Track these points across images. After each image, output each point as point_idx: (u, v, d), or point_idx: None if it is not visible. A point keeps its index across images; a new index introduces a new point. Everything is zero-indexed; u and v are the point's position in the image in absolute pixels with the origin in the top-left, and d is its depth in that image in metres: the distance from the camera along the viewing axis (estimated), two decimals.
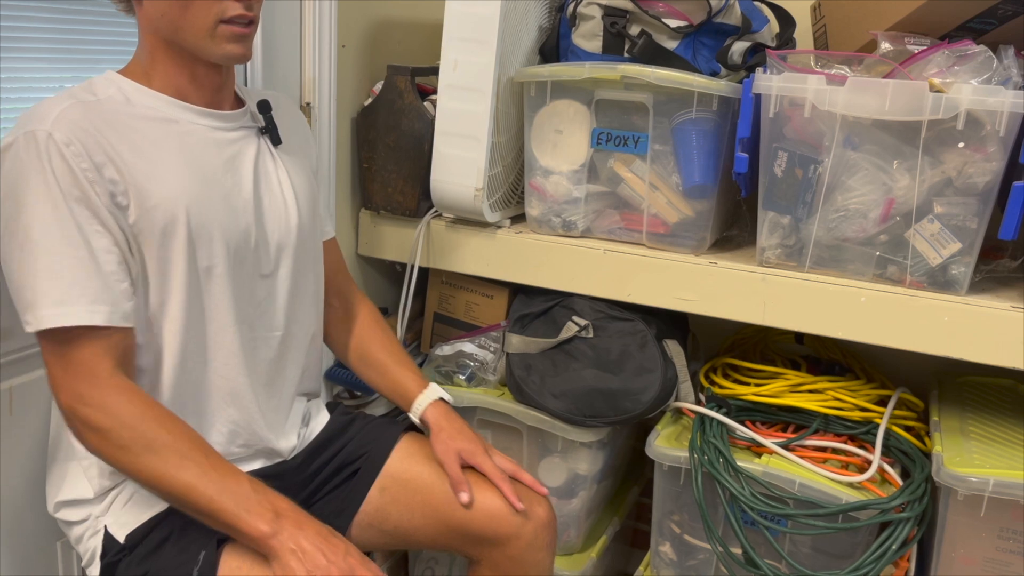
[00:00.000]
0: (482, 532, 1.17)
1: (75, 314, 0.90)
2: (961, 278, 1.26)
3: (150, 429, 0.93)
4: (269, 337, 1.14)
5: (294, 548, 0.93)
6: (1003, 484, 1.19)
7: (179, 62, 1.01)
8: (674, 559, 1.48)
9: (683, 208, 1.42)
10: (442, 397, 1.28)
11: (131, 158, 0.95)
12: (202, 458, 0.95)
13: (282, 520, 0.95)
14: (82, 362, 0.92)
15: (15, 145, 0.91)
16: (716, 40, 1.41)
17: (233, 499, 0.93)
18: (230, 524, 0.94)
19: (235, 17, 0.98)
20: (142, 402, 0.94)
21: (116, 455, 0.93)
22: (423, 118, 1.52)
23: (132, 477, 0.96)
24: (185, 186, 0.99)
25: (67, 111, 0.92)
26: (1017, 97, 1.16)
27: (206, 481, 0.93)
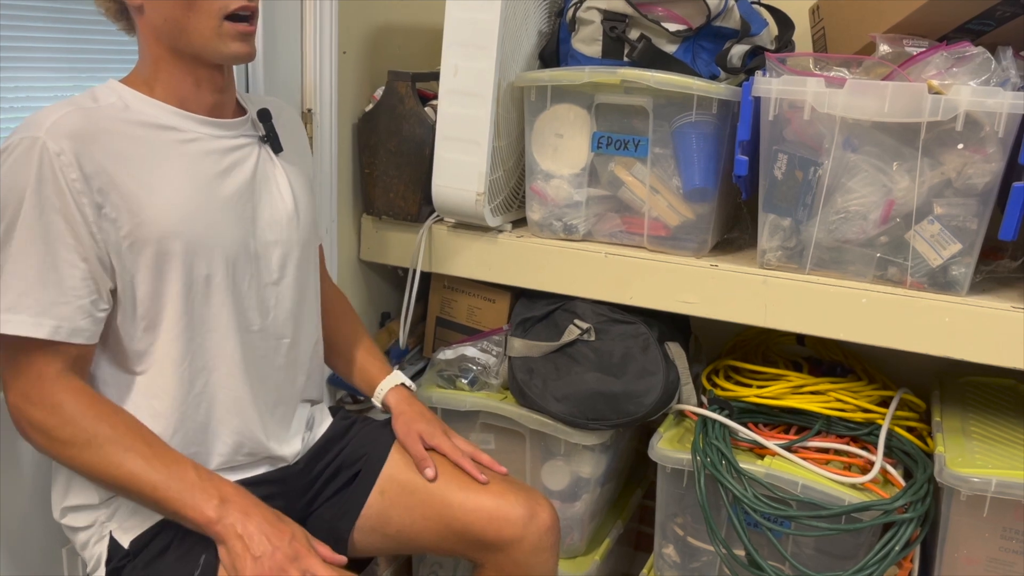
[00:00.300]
0: (484, 535, 1.17)
1: (19, 323, 0.92)
2: (961, 279, 1.26)
3: (91, 424, 0.94)
4: (278, 345, 1.14)
5: (240, 533, 0.95)
6: (1005, 484, 1.19)
7: (183, 68, 1.02)
8: (678, 561, 1.48)
9: (684, 211, 1.42)
10: (404, 383, 1.32)
11: (126, 168, 0.96)
12: (145, 448, 0.96)
13: (227, 505, 0.97)
14: (30, 364, 0.94)
15: (11, 150, 0.93)
16: (715, 43, 1.42)
17: (178, 486, 0.95)
18: (176, 511, 0.96)
19: (237, 10, 0.99)
20: (86, 398, 0.96)
21: (60, 451, 0.95)
22: (424, 123, 1.52)
23: (78, 472, 0.97)
24: (183, 195, 1.00)
25: (64, 118, 0.93)
26: (1016, 98, 1.16)
27: (150, 470, 0.95)
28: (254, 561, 0.94)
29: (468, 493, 1.19)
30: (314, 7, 1.44)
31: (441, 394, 1.56)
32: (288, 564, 0.95)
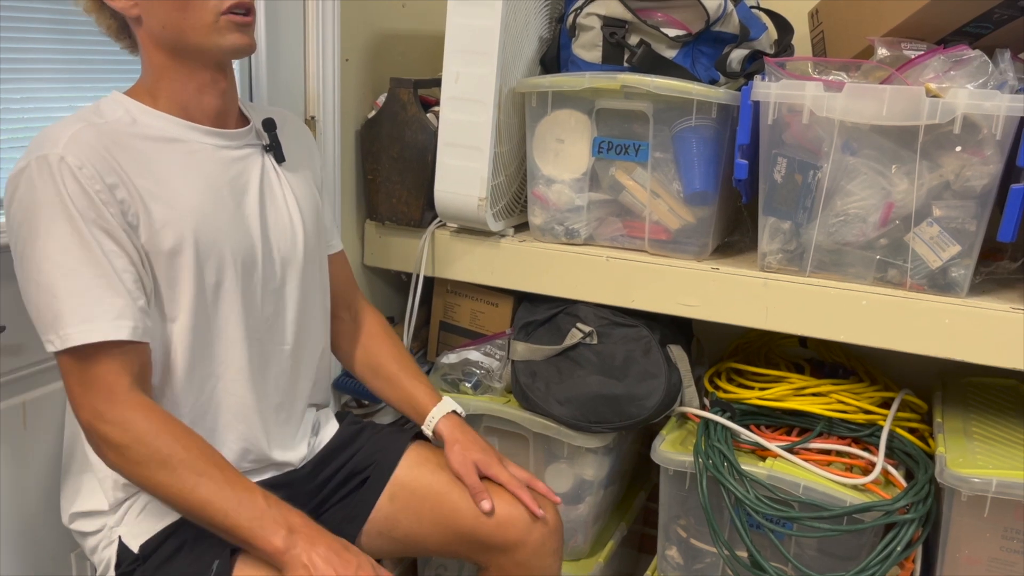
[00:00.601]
0: (490, 539, 1.18)
1: (100, 330, 0.92)
2: (961, 280, 1.27)
3: (165, 444, 0.94)
4: (280, 351, 1.16)
5: (306, 563, 0.95)
6: (1006, 485, 1.20)
7: (184, 73, 1.03)
8: (681, 563, 1.49)
9: (684, 215, 1.43)
10: (455, 410, 1.30)
11: (139, 179, 0.98)
12: (217, 473, 0.96)
13: (295, 535, 0.96)
14: (101, 379, 0.94)
15: (28, 169, 0.93)
16: (715, 48, 1.43)
17: (248, 515, 0.95)
18: (245, 539, 0.96)
19: (233, 7, 1.00)
20: (158, 418, 0.96)
21: (133, 470, 0.95)
22: (426, 129, 1.53)
23: (150, 492, 0.97)
24: (191, 205, 1.01)
25: (78, 134, 0.94)
26: (1013, 101, 1.17)
27: (221, 497, 0.95)
28: None
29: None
30: (316, 15, 1.46)
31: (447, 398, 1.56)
32: None
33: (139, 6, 0.99)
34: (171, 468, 0.94)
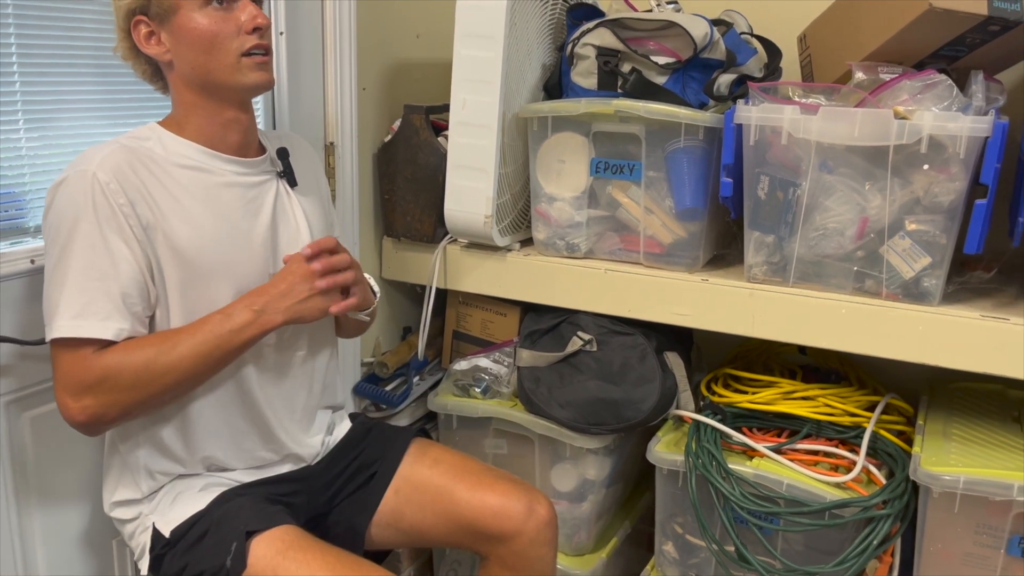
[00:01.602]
0: (488, 529, 1.29)
1: (88, 327, 1.05)
2: (933, 290, 1.35)
3: (135, 357, 1.07)
4: (293, 357, 1.27)
5: (271, 293, 1.15)
6: (973, 481, 1.27)
7: (211, 111, 1.16)
8: (677, 558, 1.58)
9: (677, 229, 1.53)
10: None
11: (160, 198, 1.11)
12: (176, 334, 1.11)
13: (257, 296, 1.15)
14: (79, 353, 1.06)
15: (67, 181, 1.07)
16: (704, 73, 1.52)
17: (214, 329, 1.11)
18: (230, 343, 1.12)
19: (252, 49, 1.14)
20: (117, 349, 1.08)
21: (130, 397, 1.07)
22: (437, 152, 1.65)
23: (154, 399, 1.10)
24: (208, 227, 1.14)
25: (110, 155, 1.08)
26: (975, 122, 1.25)
27: (197, 340, 1.10)
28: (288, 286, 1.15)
29: (474, 492, 1.31)
30: (334, 47, 1.59)
31: (456, 402, 1.68)
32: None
33: (171, 52, 1.12)
34: (151, 364, 1.07)
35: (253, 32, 1.12)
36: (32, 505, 1.22)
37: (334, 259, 1.18)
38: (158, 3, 1.10)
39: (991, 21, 1.34)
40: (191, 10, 1.10)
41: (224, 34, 1.11)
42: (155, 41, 1.13)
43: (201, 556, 1.13)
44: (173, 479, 1.20)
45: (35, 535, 1.23)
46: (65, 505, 1.27)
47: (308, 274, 1.17)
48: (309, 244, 1.18)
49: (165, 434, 1.17)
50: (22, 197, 1.18)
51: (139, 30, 1.12)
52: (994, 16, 1.33)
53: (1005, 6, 1.34)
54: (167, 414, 1.17)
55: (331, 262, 1.17)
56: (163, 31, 1.12)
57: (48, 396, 1.20)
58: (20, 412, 1.18)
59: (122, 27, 1.13)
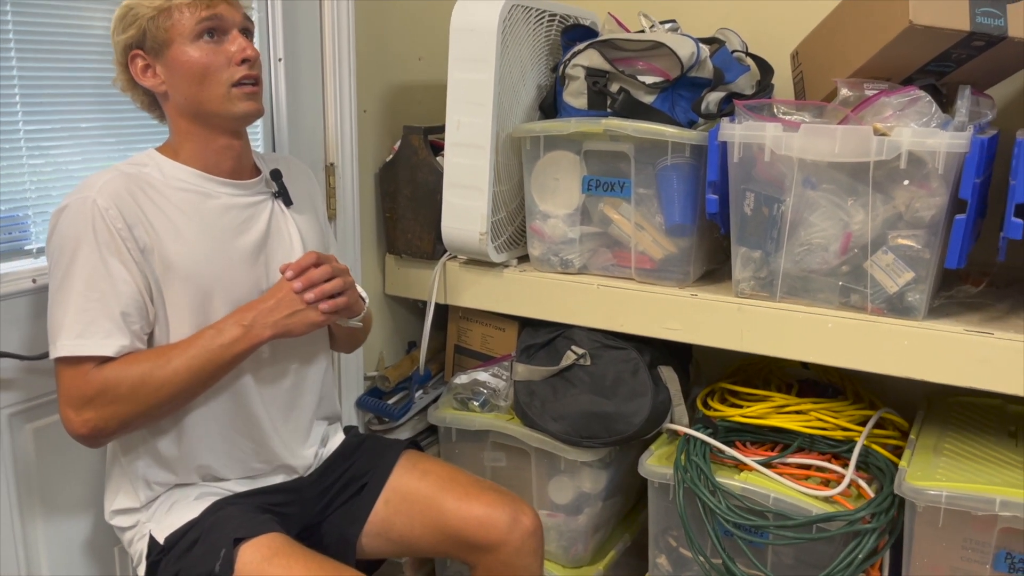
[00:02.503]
0: (475, 539, 1.32)
1: (90, 346, 1.11)
2: (918, 304, 1.35)
3: (132, 371, 1.13)
4: (287, 370, 1.32)
5: (259, 309, 1.20)
6: (955, 496, 1.27)
7: (205, 138, 1.22)
8: (670, 570, 1.59)
9: (667, 245, 1.55)
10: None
11: (158, 222, 1.16)
12: (170, 351, 1.16)
13: (246, 312, 1.20)
14: (81, 369, 1.12)
15: (69, 208, 1.13)
16: (692, 92, 1.55)
17: (205, 344, 1.16)
18: (221, 357, 1.17)
19: (241, 79, 1.19)
20: (116, 364, 1.13)
21: (120, 409, 1.12)
22: (435, 171, 1.70)
23: (150, 412, 1.15)
24: (202, 248, 1.19)
25: (110, 182, 1.14)
26: (953, 138, 1.26)
27: (190, 356, 1.15)
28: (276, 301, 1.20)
29: (461, 502, 1.34)
30: (334, 72, 1.64)
31: (454, 415, 1.72)
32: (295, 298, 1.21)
33: (166, 83, 1.18)
34: (149, 377, 1.13)
35: (242, 63, 1.18)
36: (36, 514, 1.28)
37: (314, 273, 1.22)
38: (153, 38, 1.16)
39: (974, 37, 1.35)
40: (184, 44, 1.16)
41: (215, 66, 1.17)
42: (151, 73, 1.19)
43: (192, 562, 1.17)
44: (170, 488, 1.25)
45: (38, 543, 1.29)
46: (68, 514, 1.33)
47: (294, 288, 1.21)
48: (289, 264, 1.23)
49: (162, 445, 1.23)
50: (25, 220, 1.25)
51: (136, 63, 1.18)
52: (977, 32, 1.34)
53: (988, 21, 1.35)
54: (165, 426, 1.22)
55: (310, 277, 1.22)
56: (158, 64, 1.18)
57: (50, 408, 1.26)
58: (23, 424, 1.24)
59: (120, 60, 1.19)
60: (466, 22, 1.54)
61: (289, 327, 1.20)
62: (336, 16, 1.62)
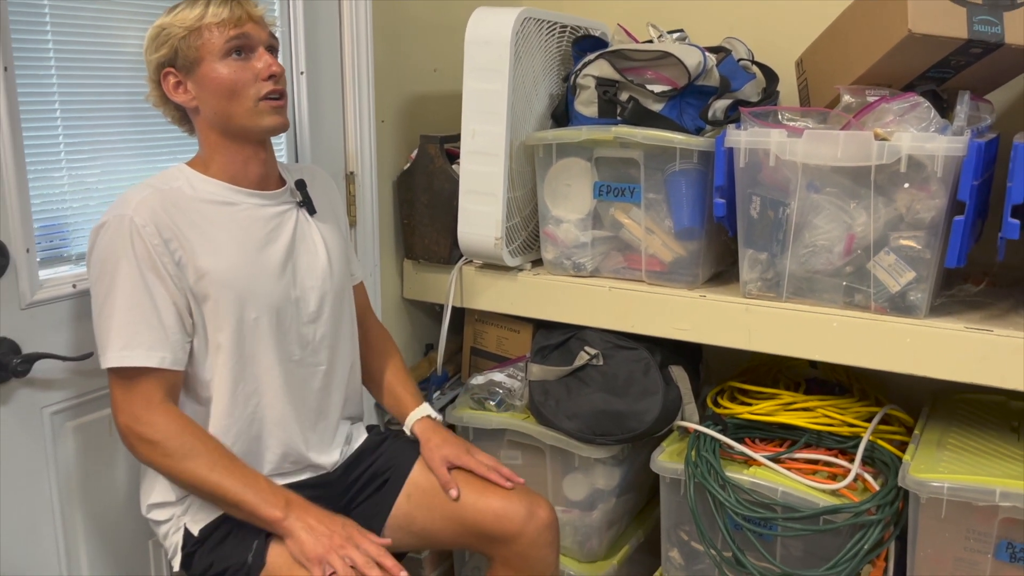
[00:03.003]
0: (492, 531, 1.37)
1: (136, 357, 1.18)
2: (920, 303, 1.40)
3: (188, 441, 1.19)
4: (316, 371, 1.38)
5: (303, 525, 1.19)
6: (957, 488, 1.32)
7: (233, 149, 1.28)
8: (682, 564, 1.64)
9: (676, 248, 1.60)
10: (430, 414, 1.52)
11: (191, 234, 1.22)
12: (228, 462, 1.21)
13: (292, 507, 1.21)
14: (139, 392, 1.19)
15: (107, 225, 1.19)
16: (700, 100, 1.60)
17: (254, 493, 1.20)
18: (252, 512, 1.20)
19: (268, 94, 1.25)
20: (184, 421, 1.21)
21: (162, 461, 1.19)
22: (451, 179, 1.75)
23: (174, 479, 1.22)
24: (234, 258, 1.25)
25: (145, 199, 1.20)
26: (951, 142, 1.31)
27: (232, 480, 1.20)
28: (316, 542, 1.19)
29: (479, 496, 1.40)
30: (353, 84, 1.70)
31: (471, 415, 1.77)
32: (344, 542, 1.20)
33: (196, 99, 1.25)
34: (193, 458, 1.19)
35: (268, 79, 1.24)
36: (75, 508, 1.34)
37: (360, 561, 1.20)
38: (184, 56, 1.22)
39: (972, 44, 1.40)
40: (213, 61, 1.22)
41: (243, 82, 1.23)
42: (182, 90, 1.25)
43: (226, 554, 1.24)
44: None
45: (78, 536, 1.35)
46: (104, 508, 1.39)
47: (343, 544, 1.20)
48: (369, 539, 1.23)
49: None
50: (64, 228, 1.31)
51: (168, 80, 1.25)
52: (975, 39, 1.38)
53: (985, 29, 1.39)
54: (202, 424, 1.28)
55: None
56: (189, 80, 1.24)
57: (90, 407, 1.33)
58: (64, 422, 1.31)
59: (153, 78, 1.26)
60: (480, 35, 1.60)
61: (304, 546, 1.20)
62: (355, 31, 1.69)
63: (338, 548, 1.19)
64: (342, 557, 1.18)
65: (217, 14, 1.23)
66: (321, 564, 1.17)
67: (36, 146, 1.25)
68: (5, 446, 1.23)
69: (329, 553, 1.18)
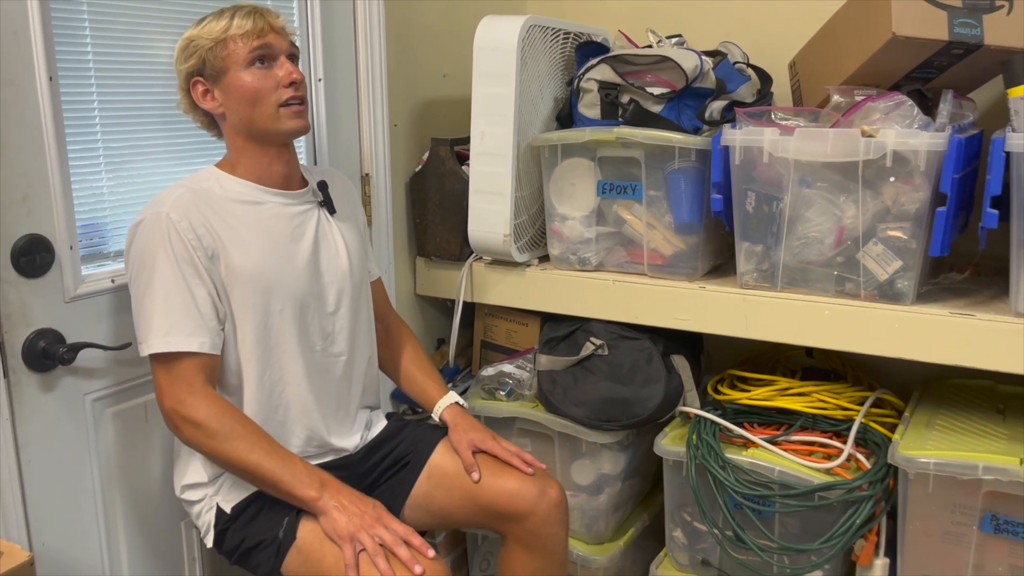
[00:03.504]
0: (505, 510, 1.46)
1: (178, 343, 1.26)
2: (907, 290, 1.48)
3: (229, 423, 1.27)
4: (337, 361, 1.47)
5: (336, 505, 1.27)
6: (943, 463, 1.40)
7: (258, 151, 1.37)
8: (685, 543, 1.72)
9: (677, 242, 1.69)
10: (457, 401, 1.60)
11: (222, 231, 1.31)
12: (267, 444, 1.29)
13: (326, 487, 1.29)
14: (182, 376, 1.27)
15: (145, 222, 1.28)
16: (697, 101, 1.68)
17: (290, 473, 1.28)
18: (289, 492, 1.28)
19: (289, 99, 1.34)
20: (225, 405, 1.29)
21: (205, 442, 1.27)
22: (461, 179, 1.84)
23: (215, 459, 1.29)
24: (261, 253, 1.33)
25: (180, 198, 1.29)
26: (932, 138, 1.39)
27: (271, 460, 1.27)
28: (348, 520, 1.27)
29: (494, 478, 1.48)
30: (368, 90, 1.79)
31: (483, 404, 1.85)
32: (374, 522, 1.28)
33: (223, 105, 1.34)
34: (233, 439, 1.26)
35: (289, 86, 1.33)
36: (114, 489, 1.43)
37: (388, 540, 1.28)
38: (211, 66, 1.31)
39: (953, 45, 1.48)
40: (238, 70, 1.31)
41: (265, 89, 1.32)
42: (210, 97, 1.34)
43: (258, 529, 1.32)
44: None
45: (116, 515, 1.43)
46: (141, 490, 1.47)
47: (372, 524, 1.27)
48: (395, 525, 1.30)
49: None
50: (103, 228, 1.40)
51: (197, 89, 1.34)
52: (955, 41, 1.47)
53: (965, 31, 1.48)
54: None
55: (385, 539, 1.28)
56: (216, 89, 1.33)
57: (128, 395, 1.42)
58: (104, 408, 1.39)
59: (183, 87, 1.35)
60: (488, 41, 1.69)
61: (343, 532, 1.27)
62: (369, 40, 1.78)
63: (368, 527, 1.27)
64: (372, 536, 1.26)
65: (241, 26, 1.31)
66: (352, 542, 1.25)
67: (78, 151, 1.34)
68: (52, 430, 1.32)
69: (360, 531, 1.26)
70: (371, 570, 1.23)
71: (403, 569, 1.24)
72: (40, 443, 1.30)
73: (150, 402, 1.44)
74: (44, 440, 1.31)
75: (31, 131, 1.25)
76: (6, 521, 1.24)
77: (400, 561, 1.24)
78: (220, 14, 1.33)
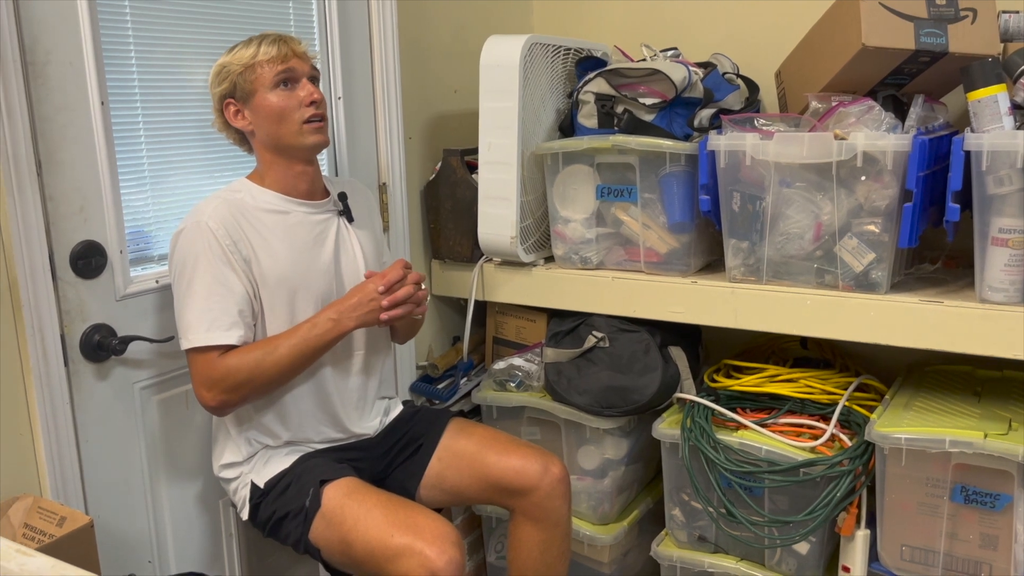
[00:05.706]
0: (512, 485, 1.59)
1: (217, 337, 1.41)
2: (881, 280, 1.60)
3: (249, 359, 1.41)
4: (355, 356, 1.61)
5: (345, 308, 1.47)
6: (913, 438, 1.51)
7: (285, 166, 1.52)
8: (684, 521, 1.85)
9: (671, 241, 1.82)
10: None
11: (254, 238, 1.46)
12: (279, 340, 1.44)
13: (334, 309, 1.47)
14: (211, 356, 1.41)
15: (186, 230, 1.44)
16: (687, 110, 1.82)
17: (306, 331, 1.45)
18: (318, 344, 1.45)
19: (310, 117, 1.49)
20: (234, 354, 1.42)
21: (245, 386, 1.41)
22: (471, 187, 1.99)
23: (263, 388, 1.43)
24: (287, 257, 1.49)
25: (217, 208, 1.45)
26: (898, 139, 1.52)
27: (291, 343, 1.43)
28: (360, 295, 1.47)
29: (501, 456, 1.62)
30: (384, 106, 1.95)
31: (495, 395, 1.99)
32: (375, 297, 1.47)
33: (252, 124, 1.49)
34: (264, 362, 1.41)
35: (310, 105, 1.48)
36: (160, 470, 1.58)
37: (399, 293, 1.49)
38: (241, 89, 1.47)
39: (920, 54, 1.61)
40: (265, 92, 1.47)
41: (289, 108, 1.47)
42: (241, 117, 1.50)
43: (287, 500, 1.47)
44: (265, 446, 1.54)
45: (162, 496, 1.59)
46: (184, 470, 1.63)
47: (374, 292, 1.48)
48: (380, 279, 1.50)
49: (266, 420, 1.52)
50: (149, 234, 1.57)
51: (229, 109, 1.50)
52: (921, 49, 1.59)
53: (931, 40, 1.60)
54: (267, 408, 1.51)
55: (395, 297, 1.48)
56: (246, 109, 1.49)
57: (172, 384, 1.58)
58: (151, 396, 1.55)
59: (216, 107, 1.51)
60: (493, 59, 1.84)
61: (368, 320, 1.48)
62: (384, 60, 1.94)
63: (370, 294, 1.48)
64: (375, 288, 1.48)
65: (267, 52, 1.47)
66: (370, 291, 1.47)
67: (126, 166, 1.50)
68: (106, 414, 1.48)
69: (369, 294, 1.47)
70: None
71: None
72: (95, 425, 1.46)
73: (191, 391, 1.59)
74: (99, 423, 1.46)
75: (86, 150, 1.41)
76: (67, 493, 1.40)
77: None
78: (248, 42, 1.49)
